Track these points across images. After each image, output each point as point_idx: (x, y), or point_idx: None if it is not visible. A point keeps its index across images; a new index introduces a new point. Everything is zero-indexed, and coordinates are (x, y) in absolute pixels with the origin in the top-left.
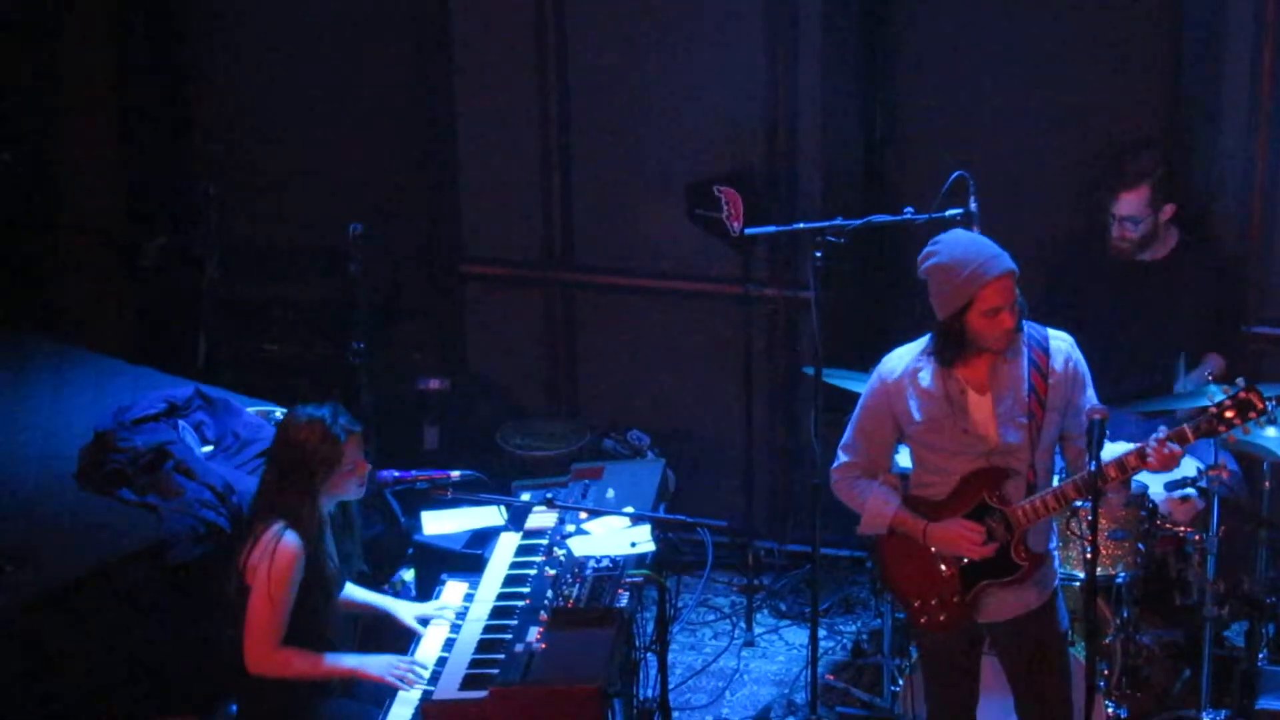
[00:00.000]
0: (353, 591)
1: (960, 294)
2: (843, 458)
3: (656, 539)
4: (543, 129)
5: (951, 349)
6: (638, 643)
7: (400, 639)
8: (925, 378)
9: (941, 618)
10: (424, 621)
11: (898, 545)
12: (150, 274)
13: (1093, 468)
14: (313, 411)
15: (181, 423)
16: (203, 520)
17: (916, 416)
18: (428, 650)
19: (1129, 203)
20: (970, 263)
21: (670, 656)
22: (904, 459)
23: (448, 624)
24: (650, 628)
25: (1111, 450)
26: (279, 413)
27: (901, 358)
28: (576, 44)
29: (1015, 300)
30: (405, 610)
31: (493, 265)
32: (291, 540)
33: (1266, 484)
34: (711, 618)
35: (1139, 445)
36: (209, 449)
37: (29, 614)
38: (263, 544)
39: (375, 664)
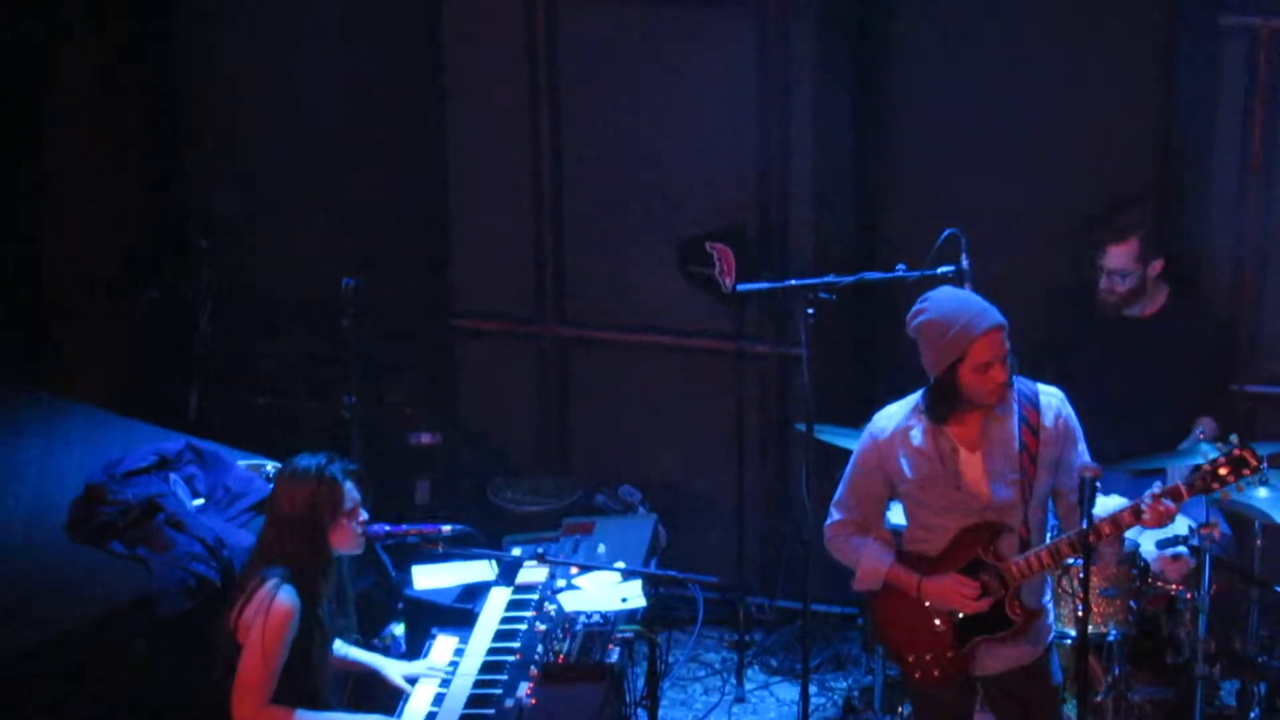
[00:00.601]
0: (343, 649)
1: (951, 350)
2: (836, 515)
3: (647, 594)
4: (535, 182)
5: (943, 405)
6: (628, 699)
7: (390, 696)
8: (916, 435)
9: (936, 672)
10: (413, 681)
11: (892, 600)
12: (142, 326)
13: (1084, 526)
14: (309, 458)
15: (172, 476)
16: (193, 573)
17: (909, 474)
18: (416, 707)
19: (1117, 255)
20: (959, 318)
21: (661, 713)
22: (896, 515)
23: (437, 680)
24: (641, 683)
25: (1105, 505)
26: (270, 466)
27: (892, 416)
28: (569, 97)
29: (1006, 354)
30: (394, 669)
31: (485, 319)
32: (287, 596)
33: (1258, 543)
34: (702, 674)
35: (1134, 501)
36: (200, 502)
37: (17, 667)
38: (258, 599)
39: None
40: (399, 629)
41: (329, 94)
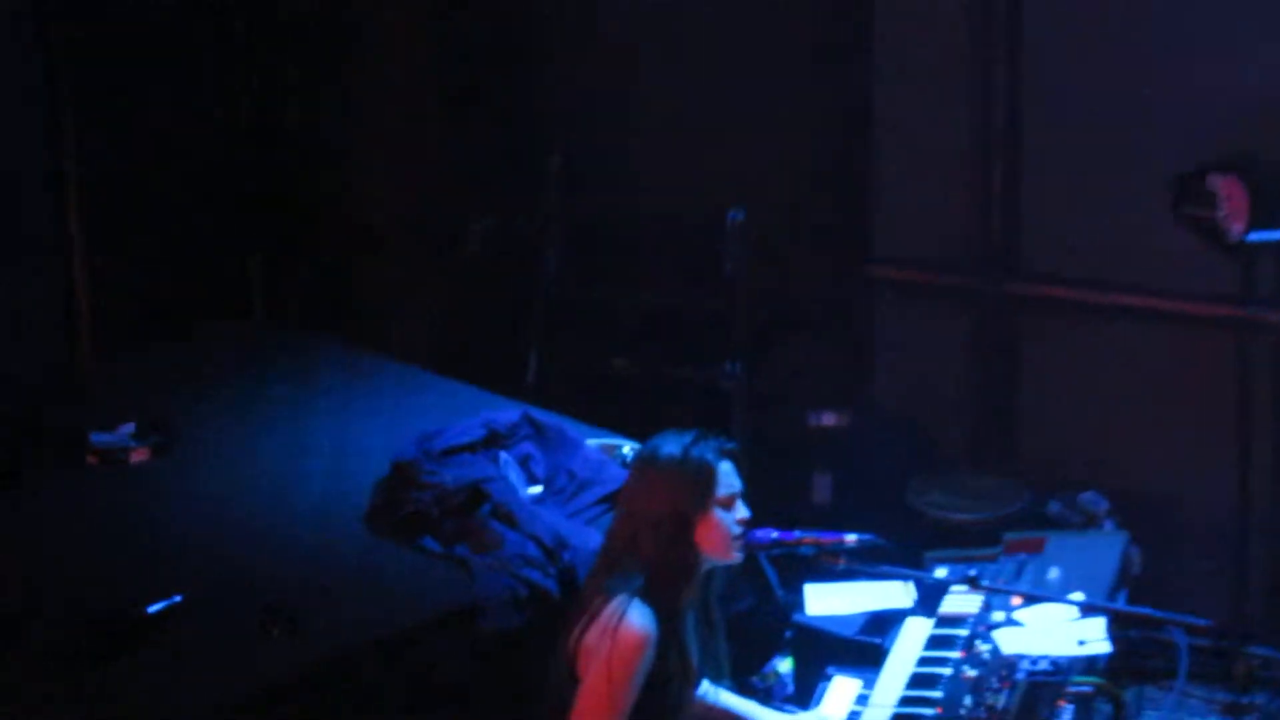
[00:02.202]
0: (710, 692)
1: None
2: None
3: (1113, 638)
4: (983, 103)
5: None
6: None
7: None
8: None
9: None
10: None
11: None
12: (471, 265)
13: None
14: (675, 437)
15: (503, 455)
16: (525, 581)
17: None
18: None
19: None
20: None
21: None
22: None
23: None
24: None
25: None
26: (627, 448)
27: None
28: (1027, 3)
29: None
30: None
31: (910, 269)
32: (641, 618)
33: None
34: None
35: None
36: (536, 490)
37: (298, 690)
38: (603, 620)
39: None
40: (785, 665)
41: None
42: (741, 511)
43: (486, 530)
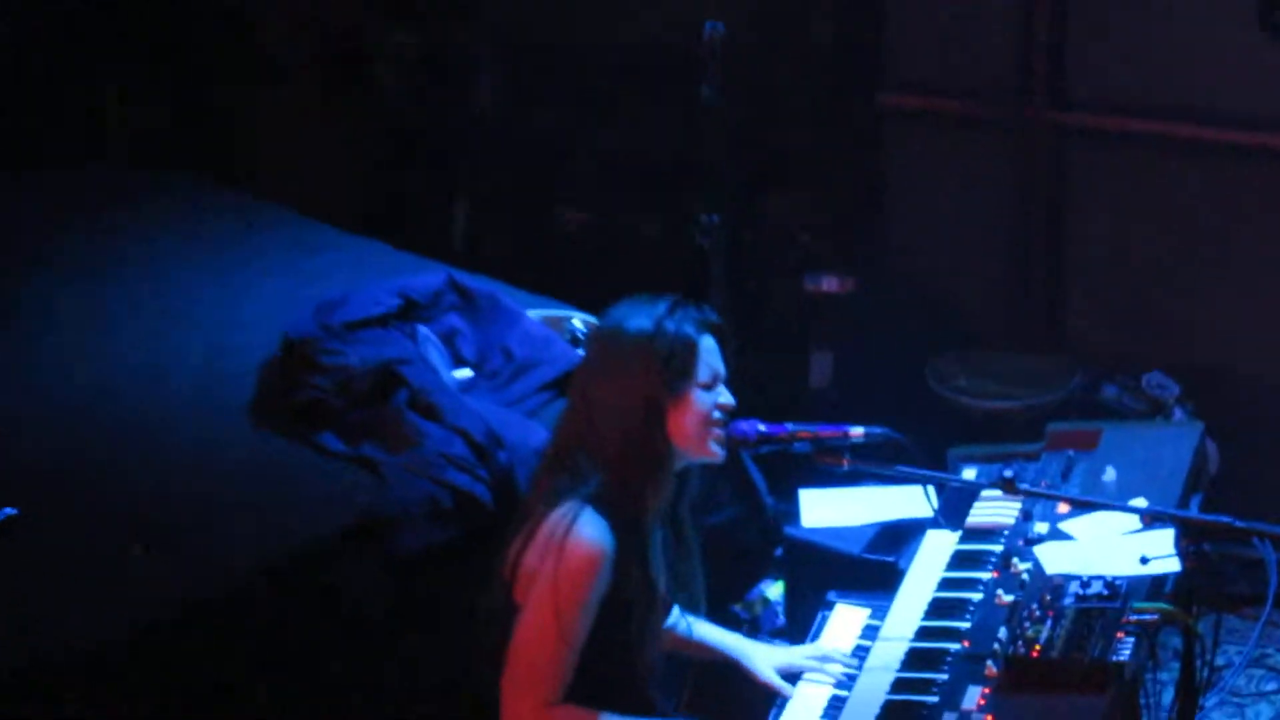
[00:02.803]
0: (684, 622)
1: None
2: None
3: (1184, 553)
4: None
5: None
6: None
7: (756, 700)
8: None
9: None
10: (793, 677)
11: None
12: (385, 97)
13: None
14: (642, 306)
15: (423, 330)
16: (450, 487)
17: None
18: (798, 717)
19: None
20: None
21: None
22: None
23: (833, 679)
24: (1169, 697)
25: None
26: (579, 320)
27: None
28: None
29: None
30: (763, 657)
31: (930, 97)
32: (594, 529)
33: None
34: (1273, 685)
35: None
36: (466, 374)
37: (170, 628)
38: (548, 532)
39: None
40: (774, 591)
41: None
42: (725, 398)
43: (402, 423)
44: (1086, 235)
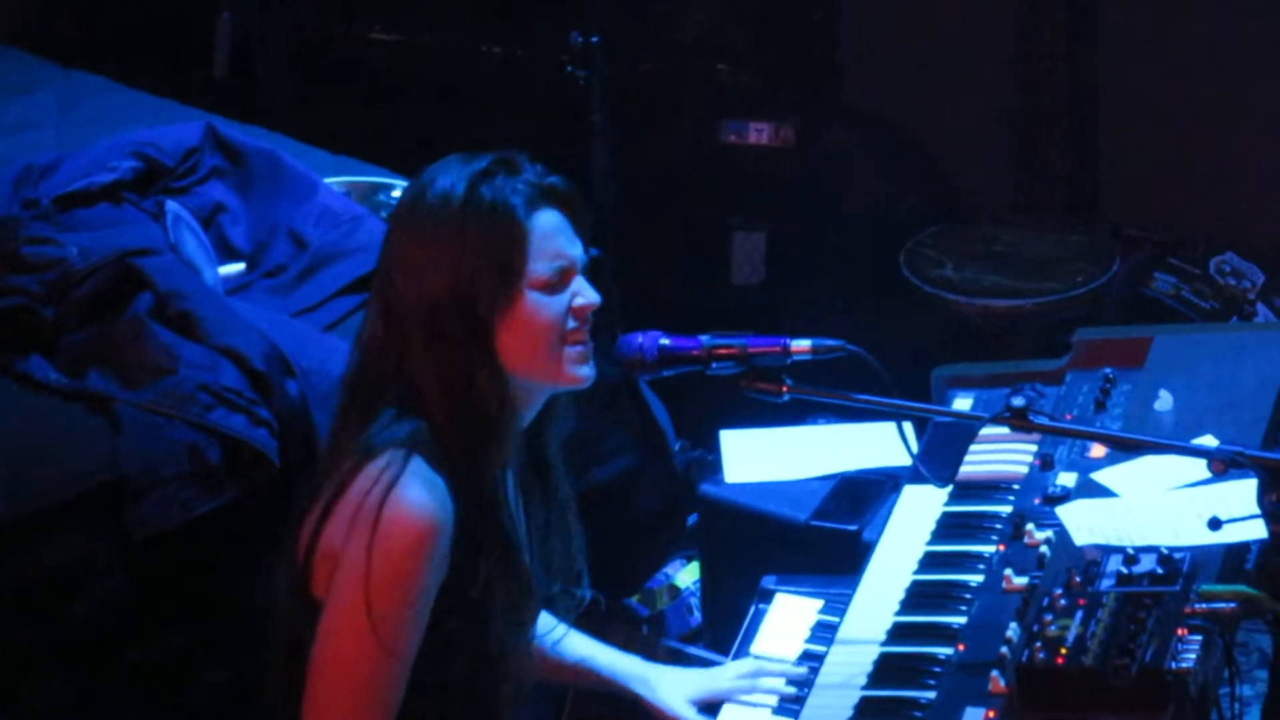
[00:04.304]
0: (550, 634)
1: None
2: None
3: (1272, 514)
4: None
5: None
6: None
7: None
8: None
9: None
10: (711, 709)
11: None
12: None
13: None
14: (458, 166)
15: (174, 207)
16: (218, 433)
17: None
18: None
19: None
20: None
21: None
22: None
23: (772, 701)
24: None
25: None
26: (399, 190)
27: None
28: None
29: None
30: (669, 686)
31: None
32: (422, 491)
33: None
34: None
35: None
36: (235, 269)
37: None
38: (356, 497)
39: None
40: (686, 575)
41: None
42: (583, 296)
43: (145, 342)
44: (1124, 67)
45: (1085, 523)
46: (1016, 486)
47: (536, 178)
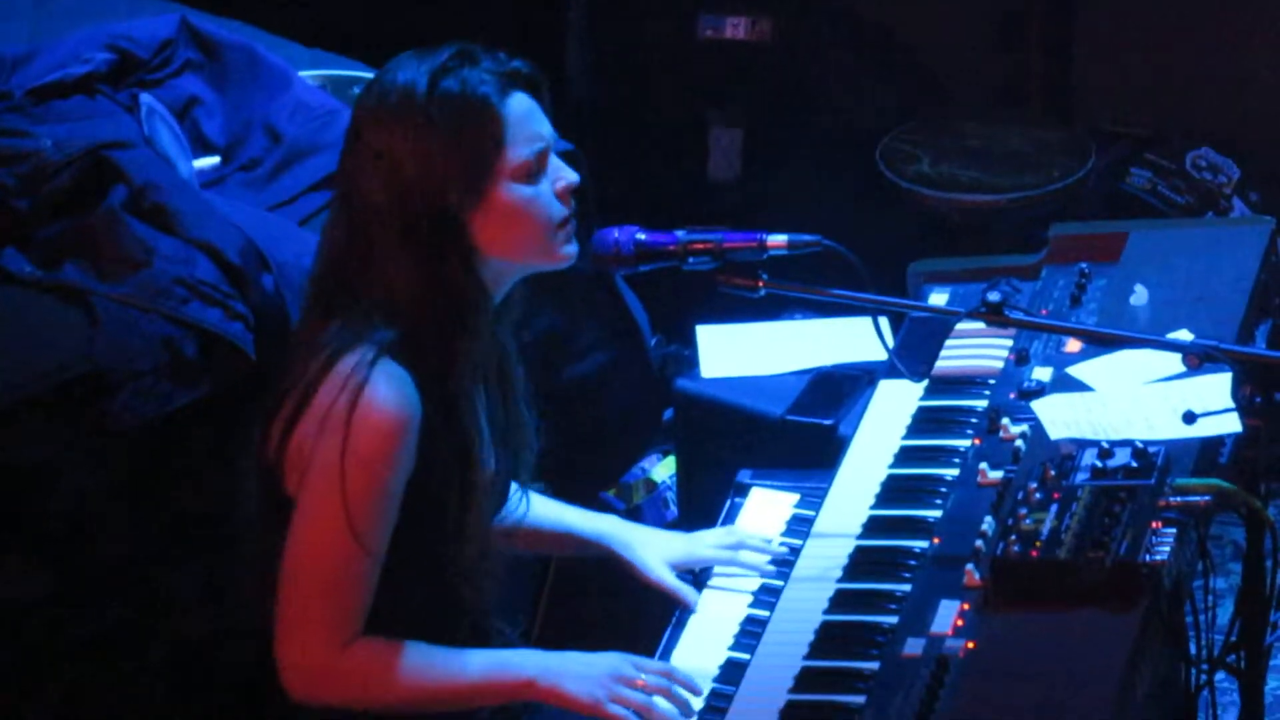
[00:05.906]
0: (534, 508)
1: None
2: None
3: (1247, 408)
4: None
5: None
6: (1197, 648)
7: (634, 624)
8: None
9: None
10: (697, 579)
11: None
12: None
13: None
14: (422, 59)
15: (148, 99)
16: (193, 326)
17: None
18: (702, 645)
19: None
20: None
21: (1273, 683)
22: None
23: (753, 586)
24: (1228, 612)
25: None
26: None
27: None
28: None
29: None
30: (650, 549)
31: None
32: (392, 387)
33: None
34: None
35: None
36: (210, 162)
37: None
38: (328, 394)
39: (577, 676)
40: (662, 469)
41: None
42: (565, 176)
43: (120, 235)
44: None
45: (1060, 417)
46: (992, 381)
47: (499, 65)
